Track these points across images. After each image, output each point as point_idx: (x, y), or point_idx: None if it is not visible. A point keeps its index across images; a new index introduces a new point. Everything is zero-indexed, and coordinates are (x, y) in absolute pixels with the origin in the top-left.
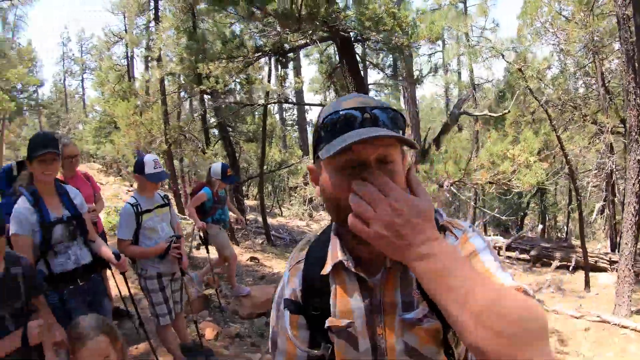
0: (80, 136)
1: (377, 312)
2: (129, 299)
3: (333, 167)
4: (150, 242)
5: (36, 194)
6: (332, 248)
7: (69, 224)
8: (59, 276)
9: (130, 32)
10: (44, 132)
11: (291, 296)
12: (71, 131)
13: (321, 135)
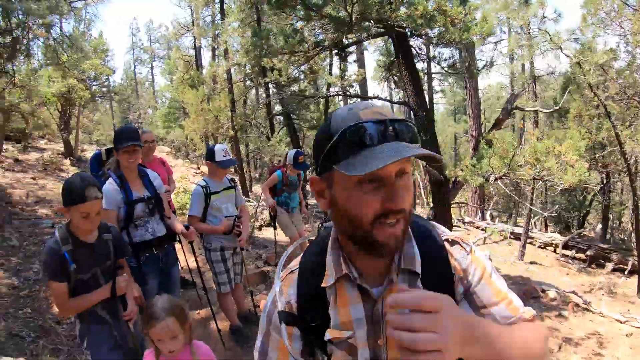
0: (151, 120)
1: (379, 324)
2: (195, 272)
3: (351, 181)
4: (216, 220)
5: (122, 177)
6: (334, 259)
7: (149, 202)
8: (138, 245)
9: (197, 25)
10: (129, 127)
11: (285, 307)
12: (141, 116)
13: (338, 147)
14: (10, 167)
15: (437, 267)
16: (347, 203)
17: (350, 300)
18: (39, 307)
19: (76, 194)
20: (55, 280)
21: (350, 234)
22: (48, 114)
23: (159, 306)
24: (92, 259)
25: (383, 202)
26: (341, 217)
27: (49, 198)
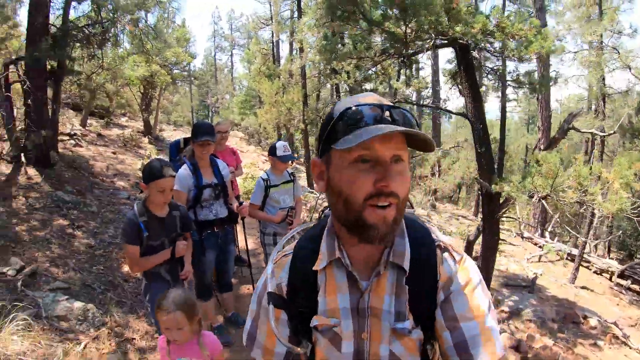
0: (227, 106)
1: (363, 316)
2: (249, 252)
3: (345, 161)
4: (273, 210)
5: (195, 164)
6: (328, 244)
7: (215, 188)
8: (202, 223)
9: (276, 21)
10: (206, 123)
11: (275, 290)
12: (219, 101)
13: (336, 128)
14: (93, 141)
15: (425, 270)
16: (341, 182)
17: (339, 288)
18: (110, 266)
19: (155, 172)
20: (130, 243)
21: (342, 215)
22: (131, 94)
23: (170, 299)
24: (161, 230)
25: (375, 182)
26: (335, 198)
27: (126, 172)
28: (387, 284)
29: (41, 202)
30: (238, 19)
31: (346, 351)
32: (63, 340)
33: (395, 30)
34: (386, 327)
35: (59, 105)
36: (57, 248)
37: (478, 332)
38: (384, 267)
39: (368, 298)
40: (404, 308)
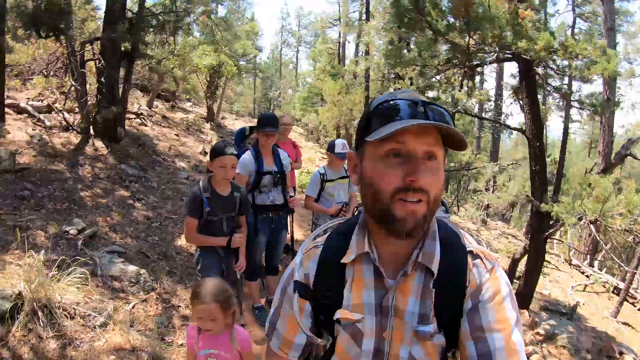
0: (290, 101)
1: (387, 315)
2: (299, 243)
3: (377, 154)
4: (328, 203)
5: (258, 152)
6: (358, 238)
7: (275, 176)
8: (258, 207)
9: (344, 22)
10: (272, 115)
11: (302, 279)
12: (281, 95)
13: (371, 121)
14: (158, 122)
15: (454, 275)
16: (372, 174)
17: (365, 284)
18: (165, 238)
19: (219, 150)
20: (191, 216)
21: (371, 207)
22: (197, 81)
23: (207, 289)
24: (221, 207)
25: (405, 176)
26: (366, 190)
27: (187, 154)
28: (414, 285)
29: (106, 173)
30: (306, 16)
31: (366, 348)
32: (114, 297)
33: (459, 41)
34: (408, 328)
35: (129, 85)
36: (117, 216)
37: (503, 344)
38: (412, 267)
39: (393, 297)
40: (428, 311)
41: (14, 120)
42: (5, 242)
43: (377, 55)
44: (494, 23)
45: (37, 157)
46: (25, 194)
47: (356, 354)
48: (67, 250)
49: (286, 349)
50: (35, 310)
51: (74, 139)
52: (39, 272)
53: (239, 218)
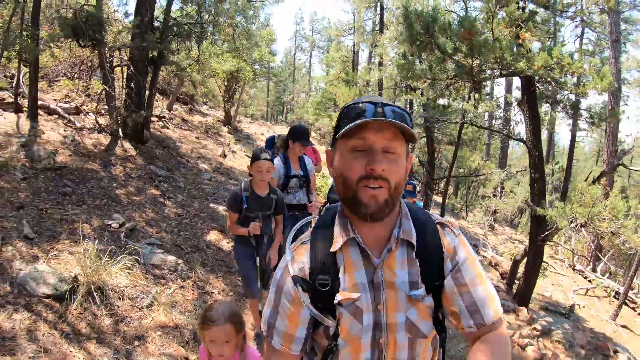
0: (302, 105)
1: (379, 289)
2: None
3: (345, 149)
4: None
5: (286, 157)
6: (341, 227)
7: (300, 179)
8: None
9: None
10: (305, 128)
11: (299, 274)
12: (294, 99)
13: (340, 122)
14: (178, 125)
15: (430, 243)
16: (342, 166)
17: (355, 265)
18: (196, 233)
19: (256, 156)
20: (232, 211)
21: (344, 195)
22: (215, 85)
23: (219, 311)
24: (258, 206)
25: (366, 165)
26: (338, 180)
27: (208, 156)
28: (397, 259)
29: (136, 173)
30: (320, 21)
31: (366, 323)
32: (157, 283)
33: (464, 62)
34: (402, 295)
35: (155, 90)
36: (151, 212)
37: (485, 295)
38: (395, 244)
39: (381, 272)
40: (416, 278)
41: (46, 121)
42: (55, 233)
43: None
44: (494, 50)
45: (73, 157)
46: (67, 190)
47: (359, 330)
48: (111, 242)
49: (288, 344)
50: (90, 292)
51: (104, 139)
52: (93, 259)
53: (275, 217)
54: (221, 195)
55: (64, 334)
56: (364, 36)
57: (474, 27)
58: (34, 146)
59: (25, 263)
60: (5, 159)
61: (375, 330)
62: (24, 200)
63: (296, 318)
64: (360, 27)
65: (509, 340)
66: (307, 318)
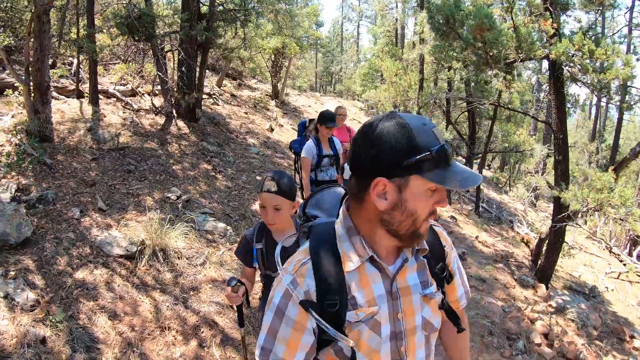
0: (350, 75)
1: (396, 298)
2: None
3: (425, 190)
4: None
5: (318, 139)
6: (354, 245)
7: (331, 158)
8: (319, 182)
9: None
10: (332, 113)
11: (305, 297)
12: (342, 69)
13: (425, 161)
14: (228, 101)
15: (434, 244)
16: (417, 205)
17: (372, 279)
18: (243, 203)
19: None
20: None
21: (404, 230)
22: (262, 60)
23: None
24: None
25: (436, 202)
26: (405, 217)
27: (256, 131)
28: (408, 266)
29: (190, 150)
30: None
31: (385, 334)
32: (209, 246)
33: (481, 52)
34: (417, 297)
35: (204, 71)
36: (204, 185)
37: (466, 279)
38: (411, 254)
39: (397, 282)
40: (426, 277)
41: (106, 105)
42: (123, 205)
43: (431, 41)
44: (504, 43)
45: (133, 137)
46: (130, 167)
47: (377, 343)
48: (171, 211)
49: None
50: (155, 252)
51: (159, 120)
52: (156, 226)
53: None
54: (267, 168)
55: (134, 285)
56: (406, 12)
57: (484, 24)
58: (98, 129)
59: (101, 230)
60: (75, 142)
61: (396, 339)
62: (95, 178)
63: (296, 344)
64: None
65: None
66: (309, 343)
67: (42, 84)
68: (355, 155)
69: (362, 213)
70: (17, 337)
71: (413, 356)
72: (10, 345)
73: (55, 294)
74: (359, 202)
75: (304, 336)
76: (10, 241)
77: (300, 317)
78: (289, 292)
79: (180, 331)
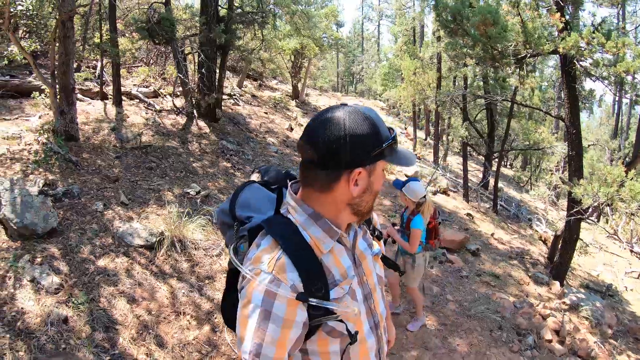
0: (371, 75)
1: (359, 265)
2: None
3: (381, 170)
4: None
5: None
6: (323, 229)
7: None
8: None
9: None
10: None
11: (293, 291)
12: (363, 69)
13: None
14: (248, 101)
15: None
16: (378, 185)
17: (339, 254)
18: None
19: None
20: None
21: (366, 207)
22: (282, 61)
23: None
24: None
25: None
26: (371, 195)
27: (276, 130)
28: (358, 234)
29: (210, 148)
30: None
31: (359, 297)
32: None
33: (487, 47)
34: (370, 259)
35: (224, 73)
36: (223, 182)
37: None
38: (357, 224)
39: (353, 250)
40: (369, 240)
41: (129, 106)
42: (145, 199)
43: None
44: (509, 39)
45: (155, 136)
46: (152, 165)
47: (356, 306)
48: (189, 205)
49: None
50: (173, 243)
51: (180, 120)
52: (175, 219)
53: None
54: (286, 166)
55: (153, 273)
56: (424, 10)
57: (487, 19)
58: (122, 129)
59: (122, 222)
60: (99, 141)
61: (367, 300)
62: (118, 174)
63: (285, 341)
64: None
65: None
66: (296, 336)
67: (67, 86)
68: (327, 151)
69: (327, 200)
70: (41, 317)
71: (378, 309)
72: (35, 323)
73: (79, 279)
74: (325, 190)
75: (292, 331)
76: (38, 231)
77: (289, 314)
78: (271, 291)
79: (194, 316)
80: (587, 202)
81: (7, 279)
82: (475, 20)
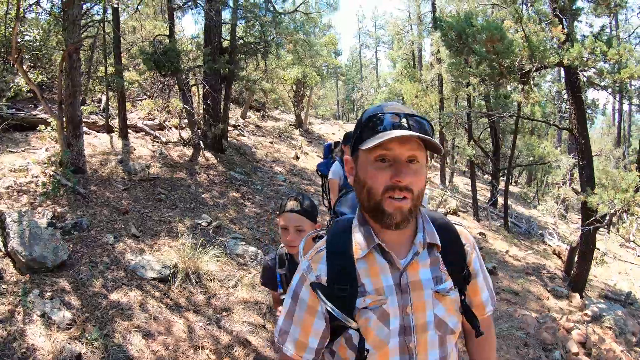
0: (372, 101)
1: (406, 292)
2: None
3: (370, 160)
4: None
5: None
6: (364, 234)
7: None
8: None
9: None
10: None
11: (316, 281)
12: (363, 96)
13: (362, 132)
14: (253, 132)
15: (453, 242)
16: (365, 176)
17: (381, 269)
18: (272, 228)
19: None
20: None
21: (366, 204)
22: (284, 91)
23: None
24: None
25: (391, 177)
26: (361, 189)
27: (282, 159)
28: (421, 260)
29: (219, 179)
30: (381, 17)
31: (393, 327)
32: (240, 268)
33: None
34: (429, 293)
35: (228, 103)
36: (233, 212)
37: (491, 283)
38: (422, 247)
39: (407, 275)
40: (440, 274)
41: (135, 138)
42: (156, 231)
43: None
44: (515, 53)
45: (162, 168)
46: (161, 197)
47: (386, 335)
48: (202, 237)
49: (301, 351)
50: (187, 275)
51: (187, 151)
52: (188, 250)
53: None
54: None
55: (168, 306)
56: (423, 33)
57: (494, 35)
58: (129, 161)
59: (134, 255)
60: (107, 174)
61: (404, 334)
62: (127, 206)
63: (309, 327)
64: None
65: None
66: (321, 328)
67: (74, 118)
68: None
69: None
70: (53, 354)
71: (424, 356)
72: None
73: (91, 313)
74: None
75: (315, 319)
76: (47, 264)
77: (312, 301)
78: (304, 276)
79: (213, 350)
80: (603, 210)
81: (17, 314)
82: (482, 37)
